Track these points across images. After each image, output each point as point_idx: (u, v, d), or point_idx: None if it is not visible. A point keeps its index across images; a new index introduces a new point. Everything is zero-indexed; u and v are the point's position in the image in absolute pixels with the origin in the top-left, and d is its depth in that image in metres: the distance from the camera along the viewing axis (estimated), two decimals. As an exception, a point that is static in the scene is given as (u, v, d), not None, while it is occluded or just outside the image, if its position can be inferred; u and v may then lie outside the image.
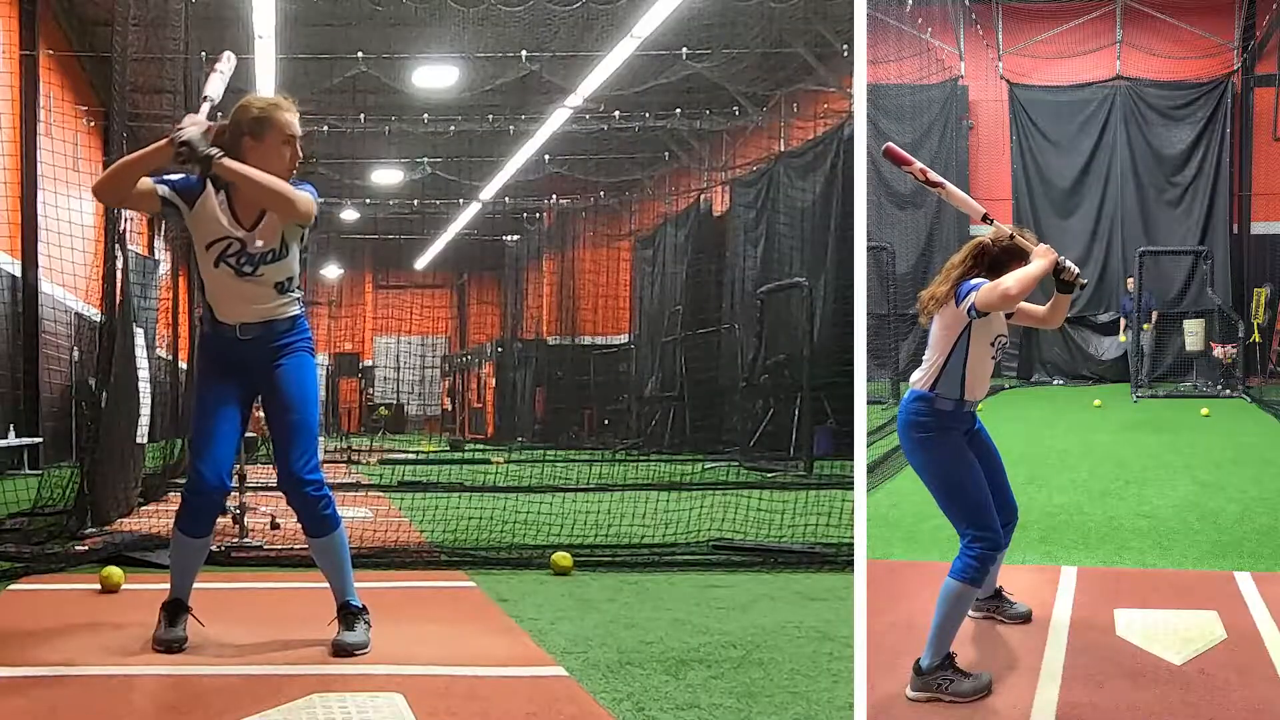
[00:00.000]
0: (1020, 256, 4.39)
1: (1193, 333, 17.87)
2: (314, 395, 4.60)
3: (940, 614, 4.18)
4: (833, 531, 7.51)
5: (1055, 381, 19.95)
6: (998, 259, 4.41)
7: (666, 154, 23.07)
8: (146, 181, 4.37)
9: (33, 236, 15.29)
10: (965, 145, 20.70)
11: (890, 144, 4.52)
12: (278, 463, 4.53)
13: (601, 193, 25.15)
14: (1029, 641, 4.64)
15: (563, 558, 6.36)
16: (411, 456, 18.42)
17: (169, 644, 4.39)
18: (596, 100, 17.87)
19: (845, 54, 16.20)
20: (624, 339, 25.26)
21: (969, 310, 4.29)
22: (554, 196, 25.60)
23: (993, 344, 4.47)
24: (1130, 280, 17.76)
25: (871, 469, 9.11)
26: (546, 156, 21.59)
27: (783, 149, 19.37)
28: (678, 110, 18.68)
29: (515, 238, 29.26)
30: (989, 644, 4.68)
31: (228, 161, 4.23)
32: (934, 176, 4.57)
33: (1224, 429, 12.64)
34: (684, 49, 15.86)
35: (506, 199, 25.31)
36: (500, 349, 28.55)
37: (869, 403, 13.84)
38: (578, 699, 3.83)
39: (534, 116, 19.01)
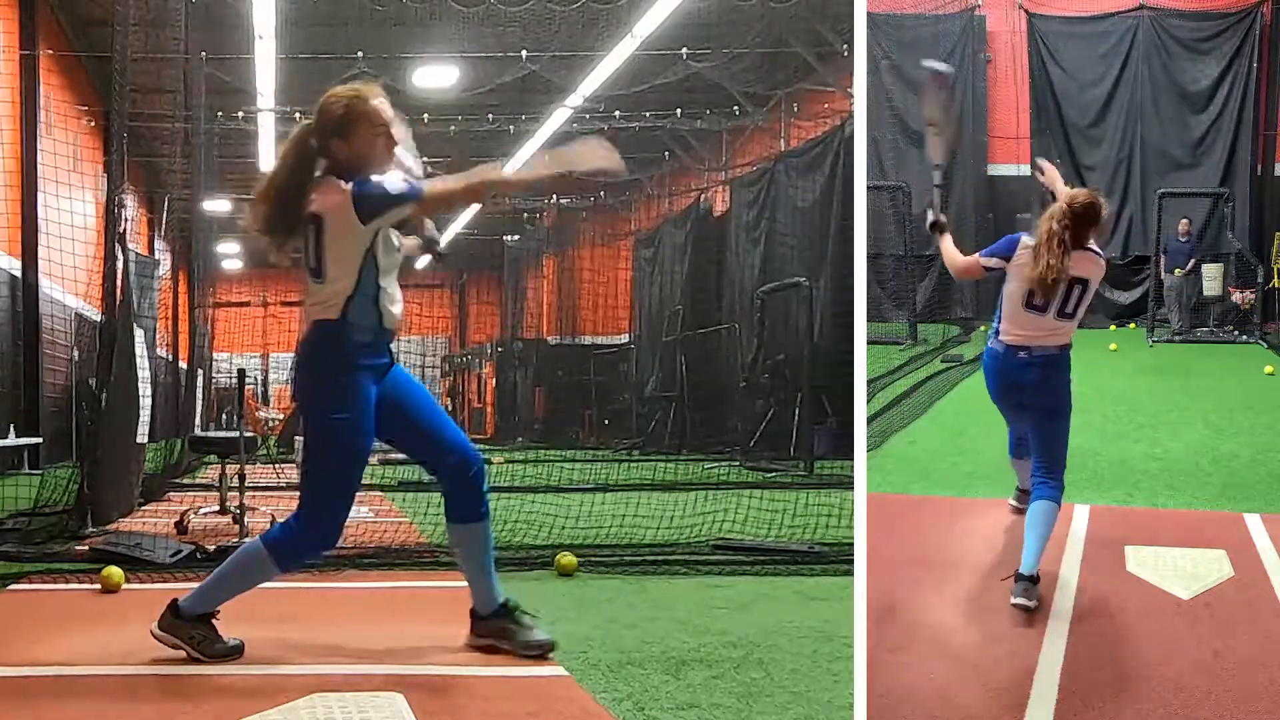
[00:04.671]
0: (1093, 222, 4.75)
1: (1211, 277, 17.36)
2: None
3: (1043, 534, 4.66)
4: (833, 532, 7.50)
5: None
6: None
7: (667, 154, 23.05)
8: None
9: (33, 236, 15.30)
10: (984, 81, 19.60)
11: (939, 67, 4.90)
12: (457, 443, 4.36)
13: (602, 192, 25.13)
14: (1043, 574, 4.76)
15: (567, 559, 6.35)
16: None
17: (233, 652, 4.26)
18: (597, 100, 17.86)
19: (845, 54, 16.19)
20: (624, 339, 25.25)
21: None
22: (554, 196, 25.58)
23: (1029, 300, 4.76)
24: (1185, 222, 17.26)
25: (889, 407, 9.35)
26: (546, 156, 21.54)
27: (783, 149, 19.35)
28: (678, 110, 18.67)
29: (515, 237, 29.25)
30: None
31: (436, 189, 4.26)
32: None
33: (1239, 375, 12.50)
34: (684, 49, 15.85)
35: (506, 199, 25.28)
36: (500, 349, 28.54)
37: (887, 343, 13.91)
38: (578, 699, 3.82)
39: (534, 116, 18.99)
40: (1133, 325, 17.92)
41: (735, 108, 18.91)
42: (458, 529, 4.44)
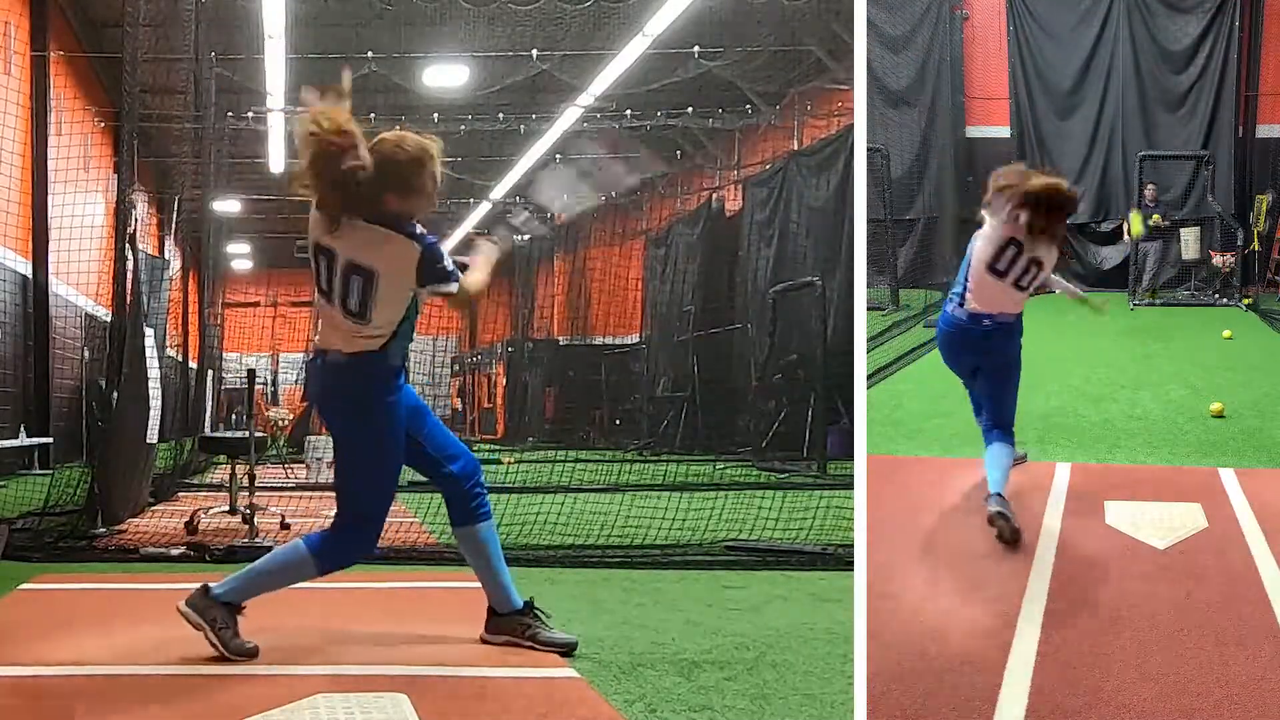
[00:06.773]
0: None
1: (1188, 240, 17.19)
2: None
3: (1005, 465, 5.07)
4: (847, 533, 7.44)
5: (1055, 290, 19.00)
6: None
7: (679, 153, 23.01)
8: None
9: (43, 237, 15.34)
10: (960, 39, 18.82)
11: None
12: (459, 450, 4.66)
13: (612, 192, 25.07)
14: (1025, 527, 5.01)
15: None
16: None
17: (248, 654, 4.24)
18: (608, 99, 17.82)
19: (858, 52, 16.07)
20: (635, 339, 25.19)
21: None
22: (565, 195, 25.50)
23: (993, 264, 5.07)
24: (1151, 188, 17.10)
25: (874, 373, 9.40)
26: (558, 156, 21.54)
27: (796, 147, 19.29)
28: (690, 109, 18.61)
29: (526, 237, 29.21)
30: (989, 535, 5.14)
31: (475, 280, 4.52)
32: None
33: (1217, 336, 12.55)
34: (696, 47, 15.81)
35: (517, 198, 25.28)
36: (511, 349, 28.51)
37: (868, 309, 13.73)
38: (589, 700, 3.78)
39: (545, 115, 18.97)
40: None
41: (747, 106, 18.85)
42: (461, 532, 4.60)
